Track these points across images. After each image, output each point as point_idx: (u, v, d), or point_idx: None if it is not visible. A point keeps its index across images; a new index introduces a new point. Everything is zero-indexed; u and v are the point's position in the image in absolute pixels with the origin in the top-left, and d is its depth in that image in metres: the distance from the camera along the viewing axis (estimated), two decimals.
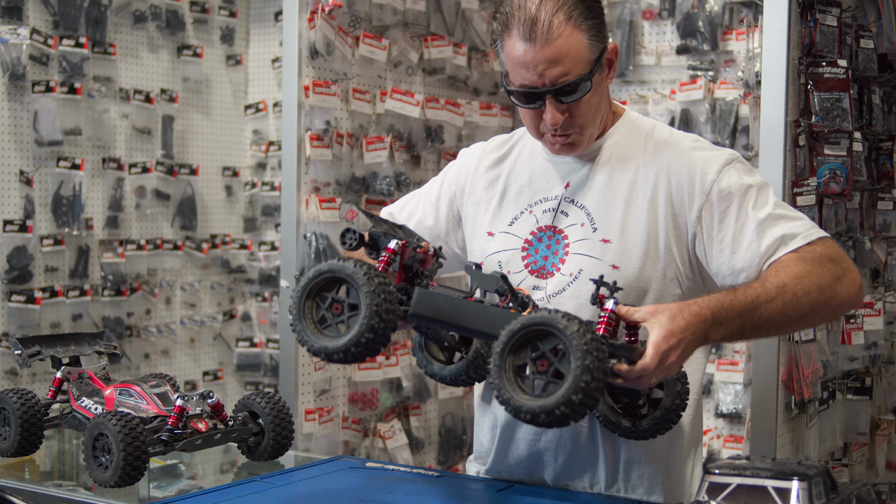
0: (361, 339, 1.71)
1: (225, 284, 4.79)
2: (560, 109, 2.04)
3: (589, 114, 2.09)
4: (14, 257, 3.89)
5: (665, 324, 1.77)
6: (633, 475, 2.15)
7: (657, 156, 2.13)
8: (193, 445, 2.13)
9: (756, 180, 2.09)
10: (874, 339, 3.43)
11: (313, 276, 1.78)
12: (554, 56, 1.99)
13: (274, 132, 4.79)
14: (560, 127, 2.07)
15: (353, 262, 1.74)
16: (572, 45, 2.00)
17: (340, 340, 1.73)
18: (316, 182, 3.60)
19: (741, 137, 3.94)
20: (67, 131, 4.08)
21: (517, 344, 1.68)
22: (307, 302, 1.79)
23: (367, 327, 1.71)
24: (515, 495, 2.10)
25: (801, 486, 1.53)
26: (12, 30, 3.87)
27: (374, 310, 1.70)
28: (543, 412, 1.63)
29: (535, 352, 1.67)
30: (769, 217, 2.03)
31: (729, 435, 3.96)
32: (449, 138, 4.12)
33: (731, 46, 3.99)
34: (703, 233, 2.07)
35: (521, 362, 1.69)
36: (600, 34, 2.06)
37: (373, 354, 1.76)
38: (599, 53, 2.05)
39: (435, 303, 1.83)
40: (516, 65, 2.03)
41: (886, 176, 3.57)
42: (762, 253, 2.01)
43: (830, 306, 1.98)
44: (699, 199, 2.07)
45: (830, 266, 1.99)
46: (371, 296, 1.71)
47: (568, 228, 2.14)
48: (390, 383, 3.92)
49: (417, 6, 3.98)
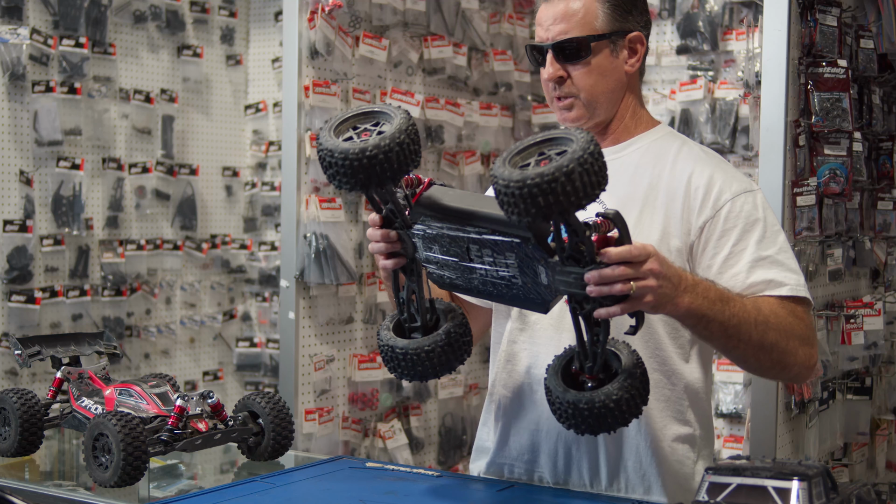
0: None
1: (225, 284, 4.79)
2: (557, 67, 2.14)
3: (588, 80, 2.15)
4: (14, 257, 3.89)
5: (651, 246, 1.80)
6: (635, 474, 2.15)
7: (684, 163, 2.17)
8: (193, 445, 2.13)
9: (771, 220, 2.12)
10: (874, 339, 3.43)
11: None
12: (561, 13, 2.13)
13: (274, 132, 4.79)
14: (558, 88, 2.16)
15: None
16: (581, 9, 2.13)
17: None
18: (316, 182, 3.60)
19: (741, 137, 3.94)
20: (67, 131, 4.08)
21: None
22: None
23: None
24: (515, 495, 2.10)
25: (801, 486, 1.53)
26: (12, 30, 3.87)
27: None
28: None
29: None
30: (768, 259, 2.07)
31: (729, 435, 3.96)
32: (449, 138, 4.12)
33: (731, 46, 3.99)
34: (700, 245, 2.11)
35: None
36: (622, 14, 2.15)
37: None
38: (614, 30, 2.14)
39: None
40: (537, 25, 2.18)
41: (886, 176, 3.57)
42: (745, 286, 2.04)
43: (784, 360, 2.01)
44: (708, 212, 2.10)
45: (803, 329, 2.03)
46: None
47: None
48: (390, 383, 3.92)
49: (417, 6, 3.98)
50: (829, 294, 3.35)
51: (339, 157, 1.80)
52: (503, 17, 4.44)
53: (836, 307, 3.35)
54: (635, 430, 2.14)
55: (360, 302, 3.80)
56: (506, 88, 4.43)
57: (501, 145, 4.42)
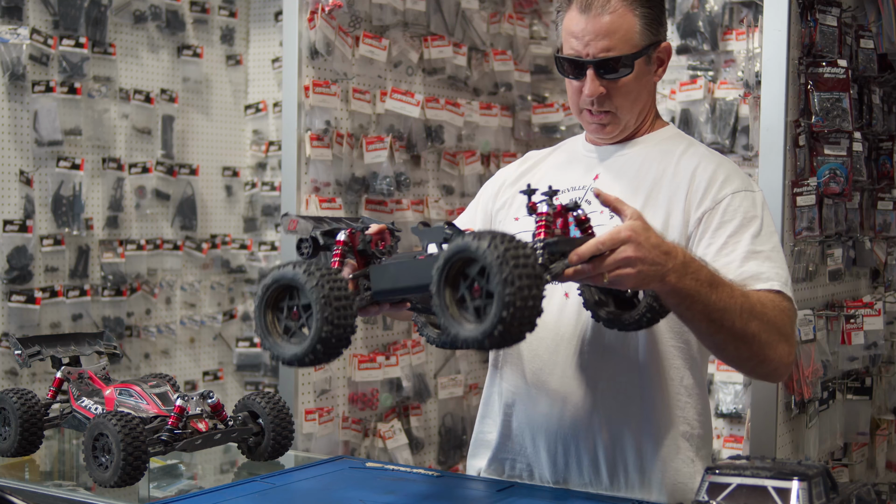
0: (321, 336, 1.71)
1: (225, 284, 4.79)
2: (598, 84, 2.13)
3: (627, 98, 2.16)
4: (14, 257, 3.89)
5: (634, 224, 1.79)
6: (635, 473, 2.15)
7: (689, 160, 2.19)
8: (193, 445, 2.13)
9: (767, 221, 2.13)
10: (874, 339, 3.43)
11: (264, 292, 1.79)
12: (603, 29, 2.10)
13: (274, 132, 4.79)
14: (597, 103, 2.15)
15: (291, 266, 1.74)
16: (622, 25, 2.11)
17: (305, 344, 1.74)
18: (316, 182, 3.60)
19: (741, 137, 3.94)
20: (67, 131, 4.08)
21: (449, 277, 1.65)
22: (267, 316, 1.80)
23: (323, 321, 1.70)
24: (515, 495, 2.10)
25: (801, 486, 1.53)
26: (12, 30, 3.87)
27: (323, 303, 1.69)
28: (484, 336, 1.60)
29: (466, 280, 1.64)
30: (761, 253, 2.07)
31: (729, 435, 3.96)
32: (449, 138, 4.12)
33: (731, 46, 3.99)
34: (697, 235, 2.12)
35: (460, 294, 1.65)
36: (654, 27, 2.16)
37: (343, 347, 1.75)
38: (649, 44, 2.14)
39: (390, 273, 1.84)
40: (569, 35, 2.14)
41: (886, 176, 3.57)
42: (736, 275, 2.04)
43: (763, 353, 2.00)
44: (708, 203, 2.12)
45: (786, 325, 2.02)
46: (317, 290, 1.70)
47: (589, 215, 2.17)
48: (390, 383, 3.92)
49: (417, 6, 3.98)
50: (829, 294, 3.35)
51: (295, 362, 1.77)
52: (503, 17, 4.43)
53: (836, 307, 3.35)
54: (636, 428, 2.14)
55: None
56: (506, 88, 4.42)
57: (501, 145, 4.42)
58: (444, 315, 1.65)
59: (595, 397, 2.15)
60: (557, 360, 2.16)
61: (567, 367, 2.16)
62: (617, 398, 2.15)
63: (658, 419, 2.15)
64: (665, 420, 2.15)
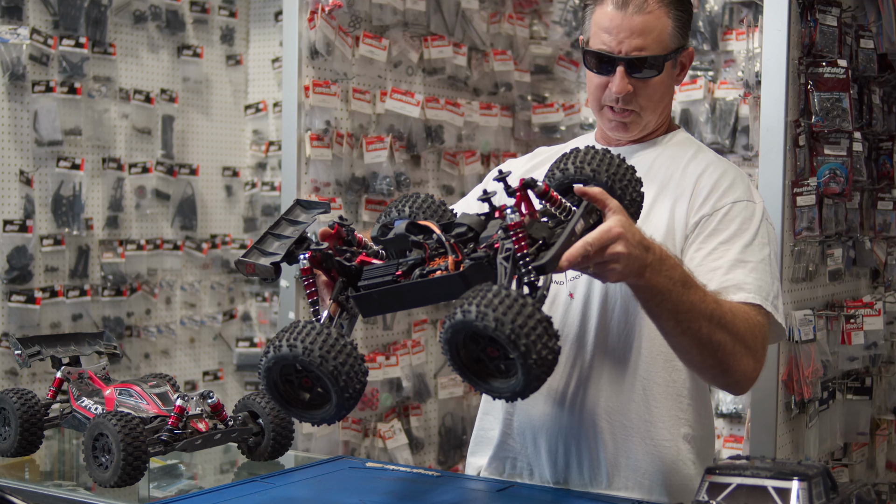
0: (344, 406, 1.73)
1: (225, 284, 4.79)
2: (627, 82, 2.12)
3: (652, 98, 2.16)
4: (14, 257, 3.89)
5: (623, 220, 1.78)
6: (635, 474, 2.15)
7: (696, 165, 2.19)
8: (193, 445, 2.13)
9: (762, 233, 2.12)
10: (874, 339, 3.43)
11: (267, 372, 1.77)
12: (638, 28, 2.10)
13: (274, 132, 4.79)
14: (622, 101, 2.15)
15: (296, 345, 1.71)
16: (657, 25, 2.11)
17: (326, 413, 1.76)
18: (316, 182, 3.60)
19: (741, 137, 3.94)
20: (67, 131, 4.08)
21: (460, 349, 1.66)
22: (276, 391, 1.79)
23: (341, 398, 1.72)
24: (515, 495, 2.10)
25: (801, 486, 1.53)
26: (12, 30, 3.87)
27: (342, 386, 1.70)
28: (520, 394, 1.63)
29: (478, 345, 1.65)
30: (748, 264, 2.06)
31: (729, 435, 3.96)
32: (449, 138, 4.12)
33: (731, 46, 3.99)
34: (690, 238, 2.12)
35: (476, 355, 1.66)
36: (684, 31, 2.16)
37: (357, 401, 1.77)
38: (678, 47, 2.15)
39: (373, 302, 1.82)
40: (601, 29, 2.13)
41: (886, 176, 3.57)
42: (720, 282, 2.04)
43: (727, 363, 1.98)
44: (707, 208, 2.12)
45: (755, 340, 2.00)
46: (333, 378, 1.70)
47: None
48: (390, 383, 3.92)
49: (417, 6, 3.98)
50: (829, 294, 3.35)
51: (316, 423, 1.80)
52: (503, 17, 4.43)
53: (836, 307, 3.35)
54: (636, 429, 2.14)
55: None
56: (506, 88, 4.42)
57: (501, 145, 4.42)
58: (468, 378, 1.67)
59: (597, 398, 2.15)
60: (560, 359, 2.16)
61: (570, 367, 2.16)
62: (619, 399, 2.15)
63: (659, 421, 2.14)
64: (666, 421, 2.15)
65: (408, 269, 1.80)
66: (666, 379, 2.15)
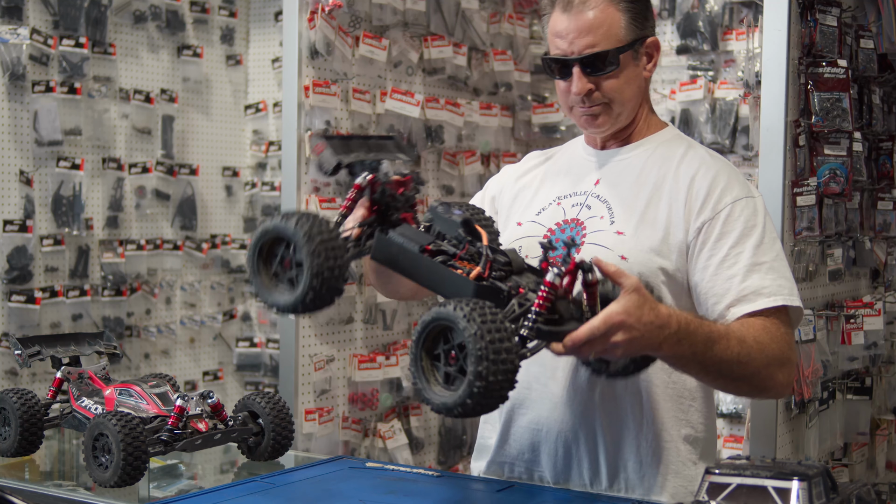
0: (306, 298, 1.74)
1: (225, 284, 4.79)
2: (585, 81, 2.13)
3: (615, 92, 2.16)
4: (14, 257, 3.89)
5: (630, 304, 1.77)
6: (635, 475, 2.15)
7: (688, 166, 2.18)
8: (193, 445, 2.13)
9: (769, 227, 2.13)
10: (874, 339, 3.43)
11: (261, 236, 1.81)
12: (585, 26, 2.10)
13: (274, 132, 4.79)
14: (586, 99, 2.15)
15: (295, 220, 1.76)
16: (605, 20, 2.11)
17: (290, 297, 1.78)
18: (316, 182, 3.60)
19: (741, 137, 3.94)
20: (67, 131, 4.08)
21: (430, 336, 1.67)
22: (259, 260, 1.83)
23: (309, 286, 1.73)
24: (515, 495, 2.10)
25: (801, 486, 1.53)
26: (12, 30, 3.87)
27: (315, 270, 1.72)
28: (447, 407, 1.63)
29: (446, 344, 1.66)
30: (764, 265, 2.07)
31: (729, 435, 3.96)
32: (449, 138, 4.12)
33: (731, 46, 3.99)
34: (697, 245, 2.11)
35: (437, 352, 1.68)
36: (640, 21, 2.15)
37: (326, 305, 1.78)
38: (635, 39, 2.14)
39: (390, 252, 1.86)
40: (554, 35, 2.15)
41: (886, 176, 3.57)
42: (739, 290, 2.05)
43: (762, 385, 2.03)
44: (707, 213, 2.11)
45: (785, 351, 2.03)
46: (311, 257, 1.72)
47: (588, 220, 2.19)
48: (390, 383, 3.92)
49: (417, 6, 3.98)
50: (829, 294, 3.35)
51: (276, 308, 1.83)
52: (503, 17, 4.43)
53: (836, 307, 3.35)
54: (637, 430, 2.14)
55: (360, 302, 3.79)
56: (506, 88, 4.42)
57: (501, 145, 4.42)
58: (415, 366, 1.69)
59: (595, 400, 2.15)
60: (559, 363, 2.15)
61: (568, 370, 2.16)
62: (617, 401, 2.14)
63: (659, 422, 2.14)
64: (666, 423, 2.15)
65: (435, 251, 1.83)
66: (665, 381, 2.14)
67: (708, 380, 2.03)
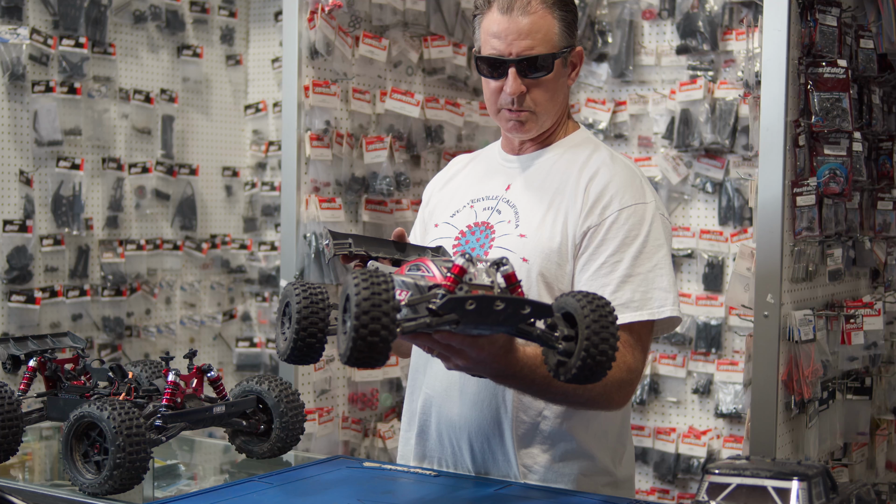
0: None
1: (225, 284, 4.79)
2: (520, 82, 2.18)
3: (545, 97, 2.21)
4: (14, 257, 3.89)
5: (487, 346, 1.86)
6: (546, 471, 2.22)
7: (589, 169, 2.24)
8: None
9: (654, 235, 2.17)
10: (874, 339, 3.43)
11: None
12: (525, 29, 2.15)
13: (274, 132, 4.79)
14: (517, 102, 2.20)
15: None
16: (543, 26, 2.17)
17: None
18: (316, 182, 3.60)
19: (741, 137, 3.93)
20: (67, 131, 4.08)
21: (76, 434, 1.94)
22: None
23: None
24: (515, 495, 2.11)
25: (801, 486, 1.53)
26: (12, 30, 3.88)
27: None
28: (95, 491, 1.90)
29: (89, 439, 1.93)
30: (638, 276, 2.13)
31: (729, 435, 3.96)
32: (449, 138, 4.12)
33: (731, 46, 3.99)
34: (580, 249, 2.18)
35: (83, 450, 1.96)
36: (571, 30, 2.22)
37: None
38: (566, 47, 2.21)
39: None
40: (490, 35, 2.19)
41: (886, 176, 3.57)
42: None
43: (599, 406, 2.15)
44: (594, 218, 2.17)
45: (629, 374, 2.09)
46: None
47: (497, 224, 2.26)
48: (390, 383, 3.92)
49: (417, 6, 3.98)
50: (829, 294, 3.35)
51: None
52: None
53: (836, 307, 3.35)
54: (541, 427, 2.22)
55: None
56: None
57: None
58: (68, 463, 1.94)
59: (502, 397, 2.21)
60: None
61: None
62: (521, 398, 2.20)
63: (566, 417, 2.21)
64: (573, 418, 2.22)
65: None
66: None
67: (548, 402, 2.16)
